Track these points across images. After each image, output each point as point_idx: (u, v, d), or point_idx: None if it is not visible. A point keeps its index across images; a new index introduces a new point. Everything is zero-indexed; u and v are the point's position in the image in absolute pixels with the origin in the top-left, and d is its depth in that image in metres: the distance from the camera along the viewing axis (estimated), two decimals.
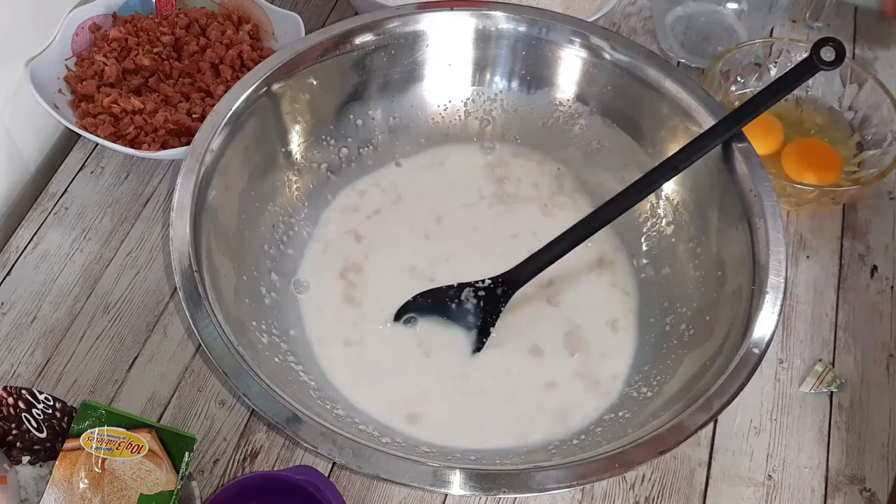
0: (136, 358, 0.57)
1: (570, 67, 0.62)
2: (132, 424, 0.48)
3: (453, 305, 0.57)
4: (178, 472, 0.47)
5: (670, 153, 0.55)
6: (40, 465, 0.49)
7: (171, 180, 0.66)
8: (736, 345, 0.48)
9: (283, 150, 0.60)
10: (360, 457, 0.43)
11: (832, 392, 0.58)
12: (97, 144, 0.66)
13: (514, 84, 0.64)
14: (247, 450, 0.53)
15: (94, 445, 0.47)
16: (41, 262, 0.61)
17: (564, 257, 0.55)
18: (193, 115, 0.64)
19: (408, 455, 0.44)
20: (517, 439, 0.52)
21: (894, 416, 0.57)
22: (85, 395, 0.55)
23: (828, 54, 0.51)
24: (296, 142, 0.60)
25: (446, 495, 0.53)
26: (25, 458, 0.49)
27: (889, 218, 0.67)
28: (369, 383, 0.54)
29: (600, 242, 0.61)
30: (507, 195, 0.63)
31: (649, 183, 0.54)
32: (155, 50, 0.67)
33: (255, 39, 0.71)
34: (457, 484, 0.43)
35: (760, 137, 0.60)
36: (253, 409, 0.55)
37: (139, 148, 0.62)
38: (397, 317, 0.57)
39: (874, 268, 0.64)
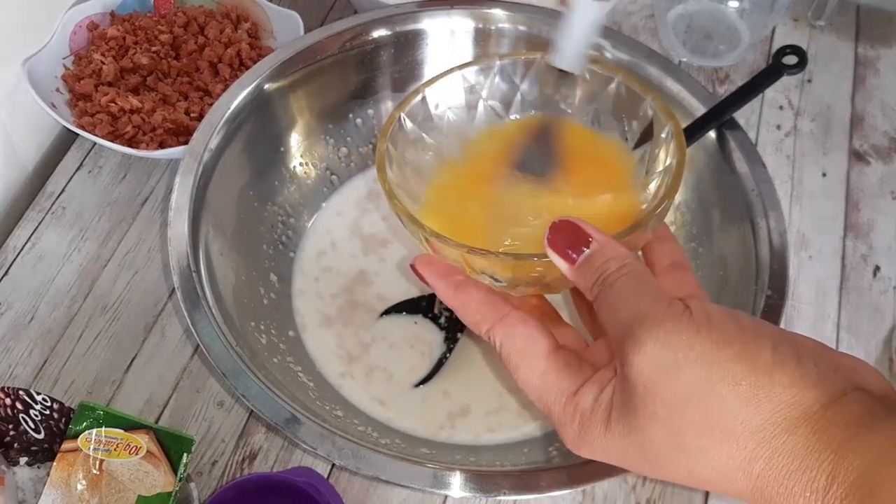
0: (134, 358, 0.56)
1: None
2: (130, 425, 0.48)
3: (428, 315, 0.56)
4: (176, 474, 0.47)
5: None
6: (38, 467, 0.49)
7: (169, 180, 0.65)
8: None
9: (282, 149, 0.59)
10: (360, 458, 0.43)
11: None
12: (95, 144, 0.66)
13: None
14: (245, 451, 0.53)
15: (91, 446, 0.47)
16: (38, 262, 0.61)
17: None
18: (192, 115, 0.64)
19: (407, 456, 0.44)
20: (514, 434, 0.52)
21: None
22: (83, 396, 0.55)
23: (790, 59, 0.56)
24: (295, 141, 0.60)
25: (446, 497, 0.52)
26: (23, 460, 0.49)
27: (892, 218, 0.67)
28: (366, 381, 0.54)
29: None
30: None
31: None
32: (153, 49, 0.67)
33: (254, 38, 0.71)
34: (457, 486, 0.42)
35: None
36: (252, 410, 0.54)
37: (137, 147, 0.62)
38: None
39: (877, 268, 0.64)
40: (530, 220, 0.38)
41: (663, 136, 0.38)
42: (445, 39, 0.61)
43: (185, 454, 0.48)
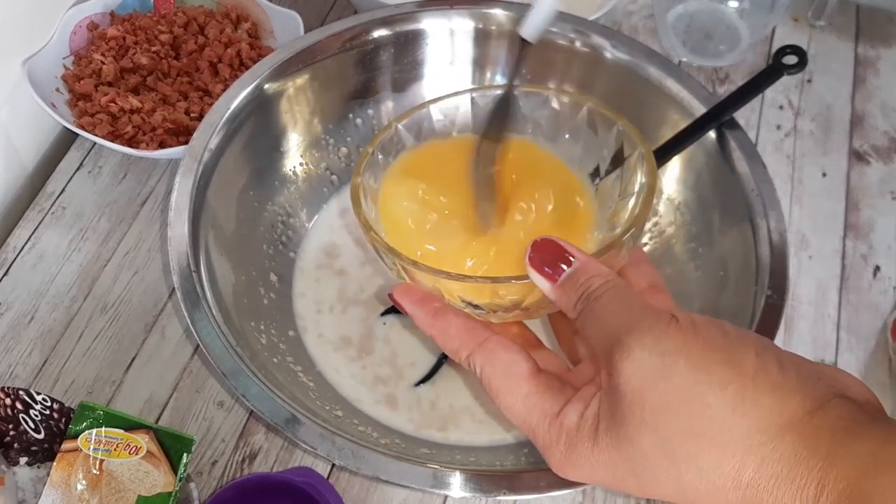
0: (133, 358, 0.56)
1: (570, 66, 0.62)
2: (130, 425, 0.48)
3: None
4: (176, 474, 0.47)
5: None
6: (38, 467, 0.49)
7: (169, 180, 0.65)
8: None
9: (282, 149, 0.59)
10: (360, 458, 0.43)
11: None
12: (95, 144, 0.66)
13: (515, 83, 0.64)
14: (245, 451, 0.53)
15: (91, 447, 0.47)
16: (38, 262, 0.61)
17: None
18: (192, 115, 0.64)
19: (407, 456, 0.44)
20: (514, 434, 0.52)
21: None
22: (83, 396, 0.55)
23: (789, 60, 0.55)
24: (295, 141, 0.60)
25: (446, 497, 0.52)
26: (23, 460, 0.49)
27: (892, 218, 0.67)
28: (366, 381, 0.54)
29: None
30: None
31: None
32: (153, 49, 0.67)
33: (254, 38, 0.71)
34: (457, 486, 0.42)
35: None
36: (251, 411, 0.54)
37: (137, 147, 0.62)
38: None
39: (877, 268, 0.64)
40: (501, 243, 0.38)
41: (635, 159, 0.39)
42: (445, 39, 0.61)
43: (185, 454, 0.48)
